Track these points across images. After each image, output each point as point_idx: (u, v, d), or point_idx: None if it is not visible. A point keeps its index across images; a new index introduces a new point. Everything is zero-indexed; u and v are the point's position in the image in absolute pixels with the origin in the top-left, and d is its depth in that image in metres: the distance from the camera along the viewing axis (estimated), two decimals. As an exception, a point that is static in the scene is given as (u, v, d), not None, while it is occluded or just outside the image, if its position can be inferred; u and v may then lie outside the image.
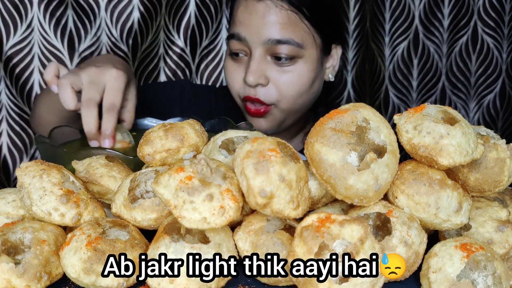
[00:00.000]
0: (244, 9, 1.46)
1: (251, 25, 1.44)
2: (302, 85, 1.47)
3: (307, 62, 1.46)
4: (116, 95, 1.17)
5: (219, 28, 1.98)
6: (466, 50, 2.23)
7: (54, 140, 1.18)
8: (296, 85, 1.46)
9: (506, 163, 0.85)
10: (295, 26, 1.44)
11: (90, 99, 1.14)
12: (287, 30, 1.43)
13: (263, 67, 1.45)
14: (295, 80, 1.45)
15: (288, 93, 1.46)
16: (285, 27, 1.42)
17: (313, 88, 1.51)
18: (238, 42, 1.47)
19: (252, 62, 1.44)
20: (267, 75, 1.45)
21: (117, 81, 1.18)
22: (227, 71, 1.53)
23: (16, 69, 1.79)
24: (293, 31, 1.43)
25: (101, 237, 0.76)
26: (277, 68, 1.45)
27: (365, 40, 2.10)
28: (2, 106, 1.83)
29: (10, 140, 1.85)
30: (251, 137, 0.80)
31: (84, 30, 1.83)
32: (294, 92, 1.46)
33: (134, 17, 1.84)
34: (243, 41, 1.46)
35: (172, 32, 1.93)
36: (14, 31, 1.77)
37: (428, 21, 2.18)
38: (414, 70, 2.21)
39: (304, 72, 1.46)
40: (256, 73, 1.44)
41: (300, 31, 1.44)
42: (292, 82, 1.45)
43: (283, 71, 1.45)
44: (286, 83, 1.45)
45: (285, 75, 1.45)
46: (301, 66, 1.46)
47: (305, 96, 1.49)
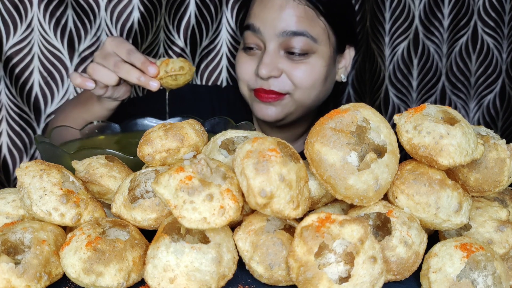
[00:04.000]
0: (260, 2, 1.49)
1: (266, 18, 1.45)
2: (315, 78, 1.48)
3: (320, 58, 1.48)
4: (124, 44, 1.27)
5: (219, 28, 1.98)
6: (466, 50, 2.23)
7: (54, 140, 1.18)
8: (309, 77, 1.47)
9: (506, 163, 0.85)
10: (311, 21, 1.45)
11: (116, 62, 1.24)
12: (303, 23, 1.44)
13: (276, 60, 1.46)
14: (308, 72, 1.47)
15: (303, 84, 1.47)
16: (301, 20, 1.44)
17: (326, 84, 1.53)
18: (253, 34, 1.48)
19: (265, 55, 1.46)
20: (280, 67, 1.46)
21: (115, 38, 1.28)
22: (239, 62, 1.54)
23: (16, 69, 1.79)
24: (309, 25, 1.45)
25: (101, 237, 0.76)
26: (290, 61, 1.46)
27: (365, 40, 2.10)
28: (2, 106, 1.83)
29: (10, 140, 1.85)
30: (251, 137, 0.80)
31: (84, 30, 1.83)
32: (309, 83, 1.47)
33: (134, 17, 1.84)
34: (257, 33, 1.47)
35: (172, 32, 1.92)
36: (14, 31, 1.77)
37: (428, 21, 2.18)
38: (414, 70, 2.21)
39: (317, 66, 1.47)
40: (269, 66, 1.45)
41: (316, 26, 1.46)
42: (305, 74, 1.46)
43: (296, 64, 1.46)
44: (299, 75, 1.46)
45: (298, 67, 1.46)
46: (314, 61, 1.47)
47: (318, 89, 1.50)
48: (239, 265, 0.79)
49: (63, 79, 1.84)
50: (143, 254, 0.78)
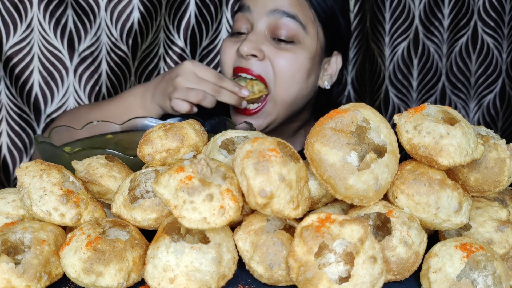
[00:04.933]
0: None
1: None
2: (298, 68, 1.44)
3: (305, 50, 1.45)
4: (210, 70, 1.40)
5: (219, 28, 1.98)
6: (466, 50, 2.23)
7: (54, 140, 1.18)
8: (292, 66, 1.43)
9: (506, 163, 0.85)
10: (303, 8, 1.45)
11: (213, 87, 1.38)
12: (295, 7, 1.43)
13: (261, 41, 1.43)
14: (291, 60, 1.43)
15: (284, 72, 1.43)
16: (293, 3, 1.43)
17: (308, 82, 1.48)
18: (242, 16, 1.46)
19: (250, 34, 1.43)
20: (264, 50, 1.43)
21: (195, 63, 1.41)
22: (222, 48, 1.51)
23: (16, 69, 1.79)
24: (300, 11, 1.44)
25: (101, 237, 0.76)
26: (275, 46, 1.43)
27: (365, 40, 2.10)
28: (2, 106, 1.83)
29: (10, 140, 1.85)
30: (251, 137, 0.80)
31: (84, 30, 1.83)
32: (289, 75, 1.44)
33: (134, 17, 1.84)
34: (247, 12, 1.45)
35: (172, 32, 1.92)
36: (14, 31, 1.77)
37: (428, 21, 2.18)
38: (414, 70, 2.21)
39: (301, 56, 1.44)
40: (252, 43, 1.42)
41: (307, 15, 1.45)
42: (289, 62, 1.43)
43: (280, 50, 1.43)
44: (281, 63, 1.43)
45: (282, 54, 1.43)
46: (299, 50, 1.45)
47: (299, 84, 1.46)
48: (239, 265, 0.79)
49: (63, 79, 1.84)
50: (143, 254, 0.78)
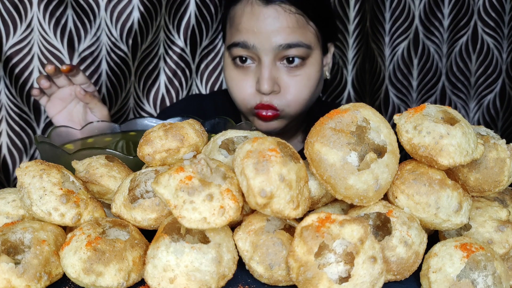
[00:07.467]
0: (250, 16, 1.44)
1: (260, 32, 1.42)
2: (311, 87, 1.48)
3: (314, 64, 1.48)
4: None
5: (219, 28, 1.98)
6: (466, 50, 2.23)
7: (54, 140, 1.18)
8: (306, 88, 1.47)
9: (506, 163, 0.85)
10: (303, 29, 1.44)
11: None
12: (296, 33, 1.43)
13: (275, 73, 1.45)
14: (305, 83, 1.47)
15: (300, 98, 1.47)
16: (294, 30, 1.43)
17: (317, 89, 1.53)
18: (244, 50, 1.45)
19: (264, 70, 1.43)
20: (278, 82, 1.45)
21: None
22: (232, 80, 1.50)
23: (15, 69, 1.79)
24: (302, 33, 1.44)
25: (101, 237, 0.76)
26: (287, 73, 1.45)
27: (365, 40, 2.10)
28: (2, 106, 1.83)
29: (10, 140, 1.85)
30: (251, 137, 0.80)
31: (84, 30, 1.83)
32: (305, 96, 1.48)
33: (134, 17, 1.84)
34: (251, 49, 1.44)
35: (172, 32, 1.92)
36: (14, 31, 1.77)
37: (428, 21, 2.18)
38: (414, 70, 2.21)
39: (312, 74, 1.48)
40: (270, 80, 1.43)
41: (308, 33, 1.46)
42: (303, 85, 1.46)
43: (293, 75, 1.45)
44: (297, 88, 1.46)
45: (295, 79, 1.46)
46: (309, 69, 1.47)
47: (310, 95, 1.51)
48: (239, 265, 0.79)
49: (63, 79, 1.84)
50: (143, 254, 0.78)
